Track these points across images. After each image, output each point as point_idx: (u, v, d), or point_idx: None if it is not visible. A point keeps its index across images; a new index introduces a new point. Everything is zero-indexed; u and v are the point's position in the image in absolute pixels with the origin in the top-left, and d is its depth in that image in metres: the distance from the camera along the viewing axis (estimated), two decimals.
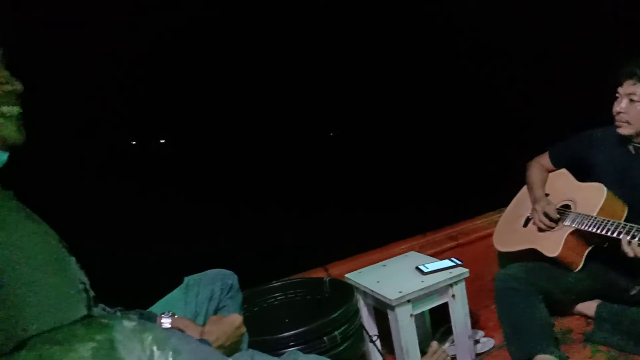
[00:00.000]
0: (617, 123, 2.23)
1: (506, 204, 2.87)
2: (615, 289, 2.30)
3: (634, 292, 2.25)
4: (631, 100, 2.16)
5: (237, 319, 1.39)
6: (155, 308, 1.61)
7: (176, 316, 1.49)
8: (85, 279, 0.91)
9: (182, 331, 1.41)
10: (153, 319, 1.48)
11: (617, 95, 2.23)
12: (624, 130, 2.22)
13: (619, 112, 2.20)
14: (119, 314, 1.18)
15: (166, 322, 1.46)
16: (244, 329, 1.40)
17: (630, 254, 1.97)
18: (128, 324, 0.80)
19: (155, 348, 0.78)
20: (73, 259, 0.91)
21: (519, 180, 2.81)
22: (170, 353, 0.78)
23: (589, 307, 2.38)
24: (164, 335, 0.80)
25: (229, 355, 1.27)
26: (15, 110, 0.98)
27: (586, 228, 2.18)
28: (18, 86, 0.98)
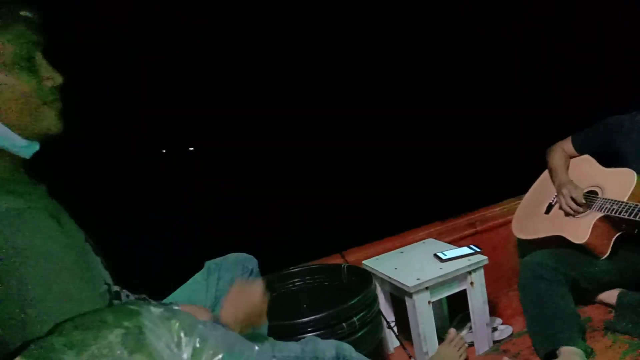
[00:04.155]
0: None
1: (524, 191, 2.84)
2: None
3: None
4: None
5: (256, 289, 1.37)
6: (177, 293, 1.62)
7: (183, 305, 1.48)
8: (109, 280, 0.92)
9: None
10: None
11: None
12: None
13: None
14: (142, 302, 1.19)
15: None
16: (265, 299, 1.37)
17: None
18: (155, 310, 0.80)
19: (182, 334, 0.78)
20: (99, 259, 0.92)
21: (536, 167, 2.77)
22: (198, 339, 0.79)
23: (610, 295, 2.34)
24: (191, 321, 0.81)
25: (256, 327, 1.28)
26: (56, 102, 1.00)
27: (617, 214, 2.14)
28: (59, 79, 1.00)
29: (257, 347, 0.86)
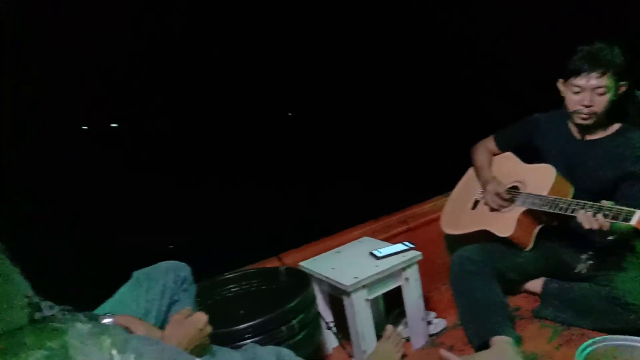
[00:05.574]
0: (583, 116, 2.20)
1: (452, 188, 2.94)
2: (562, 266, 2.40)
3: (578, 269, 2.35)
4: (598, 94, 2.13)
5: (200, 318, 1.32)
6: (104, 307, 1.52)
7: (117, 315, 1.38)
8: (29, 291, 0.83)
9: (128, 330, 1.33)
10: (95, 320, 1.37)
11: (576, 88, 2.17)
12: (589, 122, 2.21)
13: (589, 106, 2.16)
14: (67, 314, 1.09)
15: (108, 322, 1.36)
16: (209, 329, 1.33)
17: (595, 226, 1.95)
18: (82, 327, 0.74)
19: (115, 352, 0.72)
20: (16, 270, 0.83)
21: (462, 165, 2.88)
22: (132, 356, 0.73)
23: (535, 284, 2.47)
24: (124, 337, 0.75)
25: (198, 357, 1.21)
26: None
27: (538, 208, 2.25)
28: None
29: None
